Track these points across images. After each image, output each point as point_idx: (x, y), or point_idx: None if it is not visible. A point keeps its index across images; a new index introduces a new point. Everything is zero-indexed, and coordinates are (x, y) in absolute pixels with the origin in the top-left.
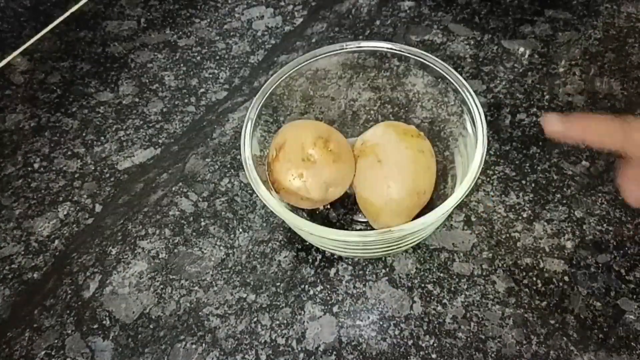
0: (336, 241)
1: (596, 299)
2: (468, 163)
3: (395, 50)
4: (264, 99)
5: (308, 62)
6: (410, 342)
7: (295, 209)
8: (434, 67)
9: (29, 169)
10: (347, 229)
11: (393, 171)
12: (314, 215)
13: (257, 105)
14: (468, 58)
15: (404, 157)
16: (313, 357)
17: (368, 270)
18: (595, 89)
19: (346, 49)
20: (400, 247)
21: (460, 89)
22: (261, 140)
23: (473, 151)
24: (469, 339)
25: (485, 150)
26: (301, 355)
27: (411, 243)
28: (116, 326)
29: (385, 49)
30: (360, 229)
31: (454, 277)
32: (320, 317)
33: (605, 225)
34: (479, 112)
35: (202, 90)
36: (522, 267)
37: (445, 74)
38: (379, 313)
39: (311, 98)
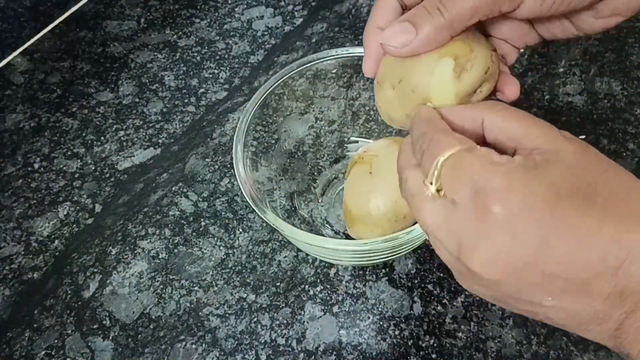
0: (315, 246)
1: None
2: None
3: None
4: (248, 121)
5: (293, 71)
6: (410, 342)
7: (290, 217)
8: None
9: (29, 169)
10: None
11: (379, 187)
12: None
13: (243, 128)
14: None
15: (395, 178)
16: (313, 357)
17: (368, 270)
18: (595, 89)
19: (335, 56)
20: (393, 255)
21: None
22: (260, 139)
23: None
24: (469, 339)
25: None
26: (301, 355)
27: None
28: (116, 326)
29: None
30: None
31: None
32: (320, 317)
33: None
34: None
35: (202, 90)
36: None
37: None
38: (379, 313)
39: (311, 98)
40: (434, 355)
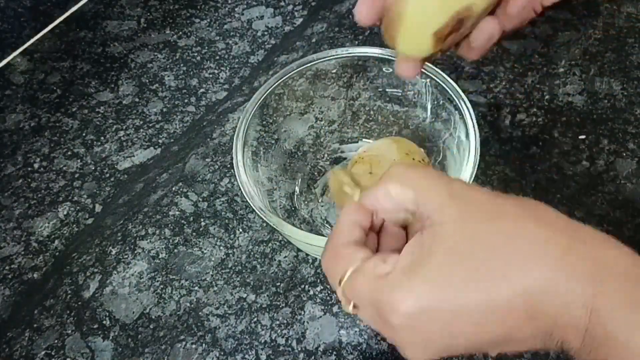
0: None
1: None
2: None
3: (385, 55)
4: (248, 121)
5: (293, 71)
6: None
7: (290, 217)
8: (426, 73)
9: (29, 169)
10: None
11: None
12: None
13: (243, 128)
14: None
15: None
16: (313, 357)
17: None
18: (595, 89)
19: (335, 56)
20: None
21: (452, 95)
22: (259, 138)
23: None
24: None
25: (477, 162)
26: (301, 355)
27: None
28: (116, 326)
29: (377, 54)
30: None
31: None
32: (320, 317)
33: (605, 225)
34: (471, 120)
35: (202, 90)
36: None
37: (439, 81)
38: None
39: (311, 98)
40: None
